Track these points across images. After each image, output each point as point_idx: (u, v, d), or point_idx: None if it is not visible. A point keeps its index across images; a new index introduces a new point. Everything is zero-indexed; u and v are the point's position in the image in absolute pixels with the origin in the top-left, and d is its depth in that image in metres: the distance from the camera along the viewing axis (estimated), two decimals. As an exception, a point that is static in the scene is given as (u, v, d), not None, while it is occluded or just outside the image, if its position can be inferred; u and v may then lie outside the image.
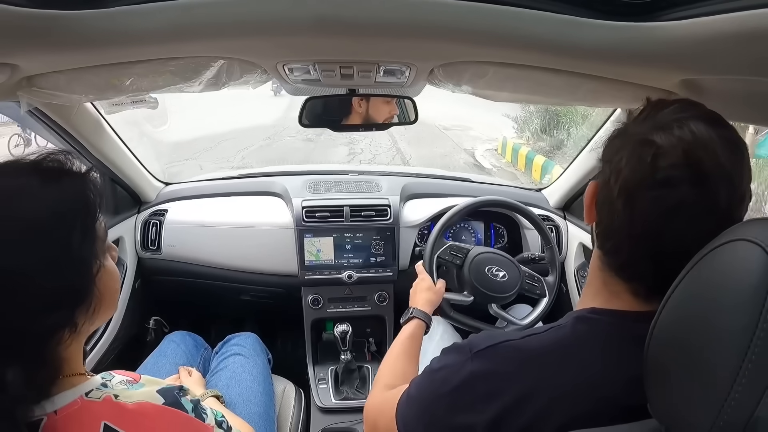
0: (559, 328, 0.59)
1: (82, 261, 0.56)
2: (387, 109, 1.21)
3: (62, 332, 0.54)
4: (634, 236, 0.54)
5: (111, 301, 0.63)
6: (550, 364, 0.55)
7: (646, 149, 0.52)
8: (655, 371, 0.47)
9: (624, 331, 0.55)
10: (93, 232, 0.58)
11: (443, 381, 0.61)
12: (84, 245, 0.56)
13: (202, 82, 0.83)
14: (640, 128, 0.55)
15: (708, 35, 0.54)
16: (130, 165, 1.49)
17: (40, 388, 0.53)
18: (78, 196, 0.58)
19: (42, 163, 0.57)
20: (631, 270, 0.57)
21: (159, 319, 1.67)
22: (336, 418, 1.43)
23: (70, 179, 0.58)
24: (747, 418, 0.36)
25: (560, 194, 1.66)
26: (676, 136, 0.51)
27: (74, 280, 0.55)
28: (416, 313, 1.02)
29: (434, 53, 0.77)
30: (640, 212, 0.53)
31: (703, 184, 0.50)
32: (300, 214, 1.50)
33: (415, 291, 1.13)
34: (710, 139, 0.50)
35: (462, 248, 1.25)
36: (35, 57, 0.69)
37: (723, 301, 0.40)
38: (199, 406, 0.66)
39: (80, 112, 1.16)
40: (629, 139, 0.55)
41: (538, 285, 1.27)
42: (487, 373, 0.57)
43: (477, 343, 0.61)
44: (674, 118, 0.53)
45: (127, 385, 0.63)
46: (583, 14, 0.59)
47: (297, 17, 0.61)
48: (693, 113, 0.53)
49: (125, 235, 1.52)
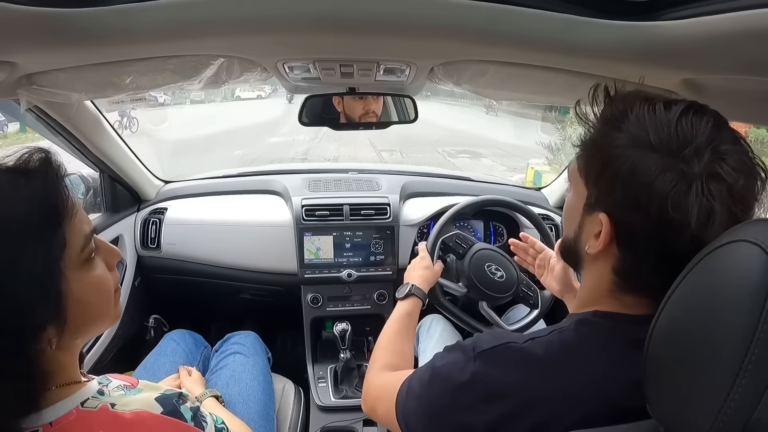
0: (562, 331, 0.58)
1: (34, 275, 0.49)
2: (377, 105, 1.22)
3: (32, 348, 0.50)
4: (654, 250, 0.53)
5: (98, 315, 0.59)
6: (552, 369, 0.55)
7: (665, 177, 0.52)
8: (655, 371, 0.47)
9: (626, 334, 0.55)
10: (53, 241, 0.51)
11: (445, 379, 0.60)
12: (38, 257, 0.49)
13: (202, 80, 0.83)
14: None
15: (708, 35, 0.54)
16: (129, 163, 1.49)
17: (26, 401, 0.50)
18: (34, 199, 0.51)
19: (6, 165, 0.53)
20: (641, 280, 0.56)
21: (159, 318, 1.67)
22: (335, 416, 1.43)
23: (27, 180, 0.52)
24: (746, 419, 0.36)
25: (561, 193, 1.66)
26: (703, 167, 0.50)
27: (27, 298, 0.48)
28: (414, 290, 1.02)
29: (434, 52, 0.77)
30: (653, 226, 0.52)
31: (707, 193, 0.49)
32: (300, 212, 1.50)
33: (413, 267, 1.13)
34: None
35: (467, 239, 1.24)
36: (35, 55, 0.69)
37: (723, 301, 0.40)
38: (199, 414, 0.65)
39: (80, 110, 1.16)
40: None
41: (533, 296, 1.24)
42: (489, 374, 0.57)
43: (481, 343, 0.60)
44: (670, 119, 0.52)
45: (125, 390, 0.61)
46: (583, 13, 0.59)
47: (297, 15, 0.61)
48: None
49: (125, 233, 1.52)
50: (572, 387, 0.54)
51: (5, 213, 0.49)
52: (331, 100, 1.17)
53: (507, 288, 1.20)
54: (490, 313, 1.20)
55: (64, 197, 0.54)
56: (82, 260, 0.55)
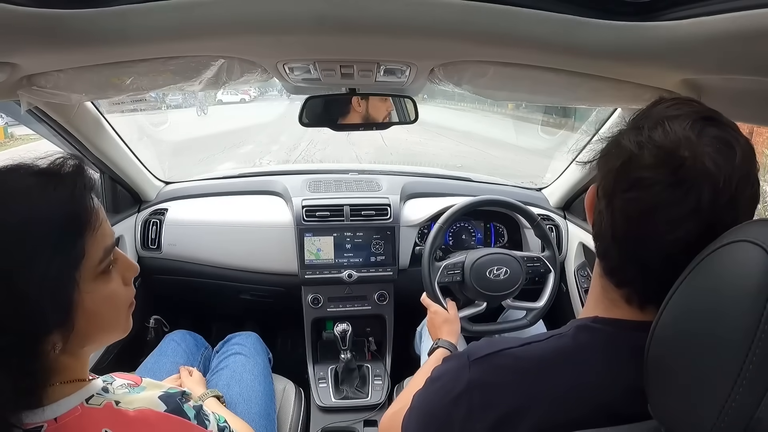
0: (560, 336, 0.58)
1: (47, 280, 0.49)
2: (384, 107, 1.21)
3: (35, 349, 0.50)
4: (617, 240, 0.54)
5: (107, 327, 0.58)
6: (548, 373, 0.55)
7: (622, 151, 0.52)
8: (656, 372, 0.47)
9: (624, 340, 0.54)
10: (71, 250, 0.51)
11: (441, 391, 0.60)
12: (53, 263, 0.49)
13: (203, 81, 0.83)
14: (622, 131, 0.54)
15: (708, 35, 0.54)
16: (130, 164, 1.49)
17: (26, 396, 0.50)
18: (60, 205, 0.51)
19: (41, 167, 0.53)
20: (620, 275, 0.56)
21: (159, 318, 1.67)
22: (336, 417, 1.43)
23: (56, 186, 0.52)
24: (747, 420, 0.36)
25: (560, 193, 1.66)
26: (647, 136, 0.50)
27: (36, 301, 0.48)
28: (442, 343, 1.02)
29: (434, 53, 0.77)
30: (617, 215, 0.52)
31: (680, 185, 0.47)
32: (300, 213, 1.50)
33: (432, 326, 1.13)
34: (687, 139, 0.48)
35: (456, 263, 1.26)
36: (35, 56, 0.69)
37: (724, 302, 0.40)
38: (202, 412, 0.65)
39: (80, 111, 1.16)
40: (612, 143, 0.55)
41: (540, 263, 1.30)
42: (484, 383, 0.57)
43: (475, 351, 0.60)
44: (659, 117, 0.51)
45: (129, 389, 0.61)
46: (583, 14, 0.59)
47: (297, 17, 0.61)
48: (683, 111, 0.51)
49: (125, 234, 1.52)
50: (566, 390, 0.53)
51: (28, 214, 0.49)
52: (331, 101, 1.17)
53: (516, 279, 1.24)
54: (515, 304, 1.28)
55: (89, 209, 0.53)
56: (98, 272, 0.55)
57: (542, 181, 1.81)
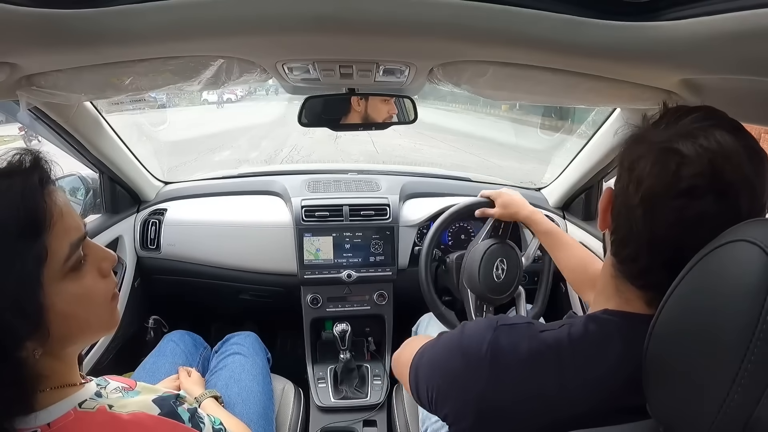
0: (572, 325, 0.59)
1: (8, 289, 0.46)
2: (386, 109, 1.21)
3: (13, 357, 0.48)
4: (654, 245, 0.53)
5: (87, 326, 0.56)
6: (557, 361, 0.57)
7: (671, 158, 0.51)
8: (655, 370, 0.47)
9: (634, 332, 0.55)
10: (28, 253, 0.48)
11: (463, 339, 0.64)
12: (12, 272, 0.46)
13: (202, 81, 0.83)
14: (663, 136, 0.53)
15: (708, 35, 0.54)
16: (129, 164, 1.49)
17: (14, 404, 0.49)
18: (9, 208, 0.47)
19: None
20: (648, 278, 0.56)
21: (158, 319, 1.67)
22: (335, 417, 1.43)
23: (7, 186, 0.49)
24: (746, 419, 0.36)
25: (560, 193, 1.66)
26: (701, 145, 0.50)
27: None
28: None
29: (434, 52, 0.77)
30: (661, 221, 0.52)
31: (727, 194, 0.49)
32: (299, 213, 1.50)
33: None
34: (734, 149, 0.49)
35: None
36: (34, 56, 0.69)
37: (723, 301, 0.40)
38: (197, 415, 0.65)
39: (79, 111, 1.16)
40: (652, 147, 0.53)
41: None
42: (503, 349, 0.59)
43: (505, 318, 0.65)
44: (698, 126, 0.51)
45: (123, 392, 0.61)
46: (582, 14, 0.59)
47: (296, 16, 0.61)
48: (715, 122, 0.52)
49: (124, 234, 1.52)
50: (574, 379, 0.55)
51: None
52: (330, 101, 1.17)
53: (515, 278, 1.25)
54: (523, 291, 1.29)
55: (44, 206, 0.50)
56: (66, 270, 0.52)
57: (541, 181, 1.81)
